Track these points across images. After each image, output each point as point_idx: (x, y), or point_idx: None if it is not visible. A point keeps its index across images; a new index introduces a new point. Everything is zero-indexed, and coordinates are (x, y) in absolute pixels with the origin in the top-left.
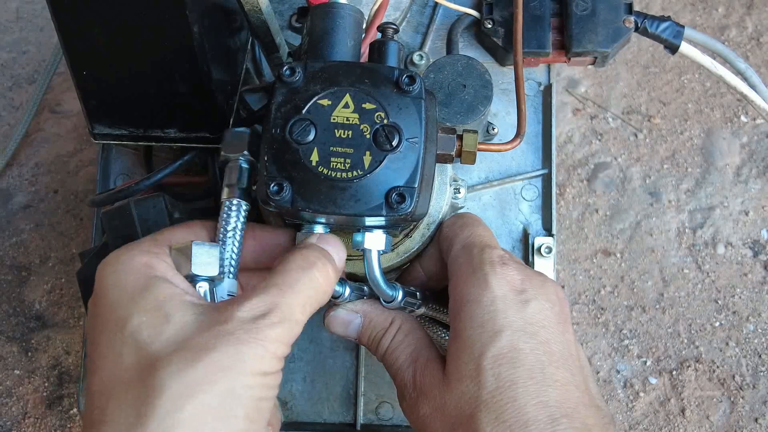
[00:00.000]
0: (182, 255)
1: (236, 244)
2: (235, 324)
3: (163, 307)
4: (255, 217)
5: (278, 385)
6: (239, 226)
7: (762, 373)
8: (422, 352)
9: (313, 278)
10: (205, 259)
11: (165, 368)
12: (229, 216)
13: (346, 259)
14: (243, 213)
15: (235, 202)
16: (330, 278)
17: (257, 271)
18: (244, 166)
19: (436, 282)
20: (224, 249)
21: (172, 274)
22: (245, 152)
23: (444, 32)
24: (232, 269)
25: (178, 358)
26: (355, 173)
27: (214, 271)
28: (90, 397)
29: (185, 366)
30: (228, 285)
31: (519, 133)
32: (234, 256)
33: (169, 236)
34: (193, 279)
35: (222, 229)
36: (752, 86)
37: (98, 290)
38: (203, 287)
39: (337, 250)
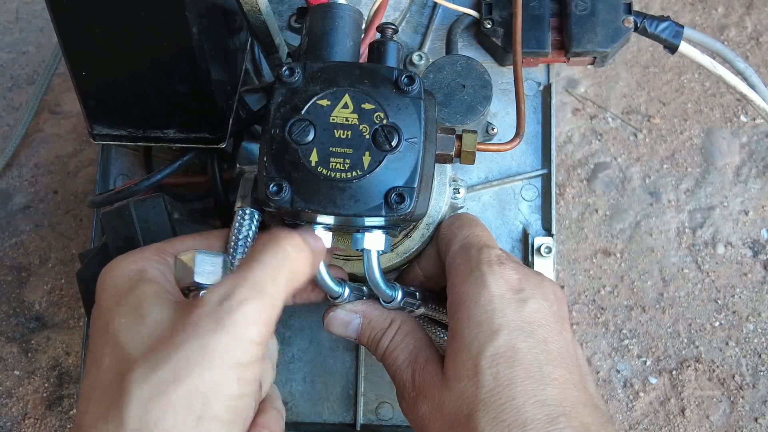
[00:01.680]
0: (186, 264)
1: (247, 251)
2: (200, 312)
3: (140, 306)
4: None
5: (256, 378)
6: (251, 234)
7: (762, 373)
8: (421, 352)
9: (280, 247)
10: (208, 268)
11: (134, 372)
12: (241, 225)
13: (346, 260)
14: (255, 222)
15: (248, 211)
16: (300, 247)
17: None
18: None
19: (435, 282)
20: (235, 256)
21: (161, 278)
22: None
23: (443, 32)
24: None
25: (147, 359)
26: (354, 173)
27: (217, 280)
28: (79, 401)
29: (153, 367)
30: None
31: (518, 133)
32: None
33: (178, 245)
34: (198, 288)
35: (234, 237)
36: (752, 86)
37: (96, 297)
38: None
39: (311, 234)
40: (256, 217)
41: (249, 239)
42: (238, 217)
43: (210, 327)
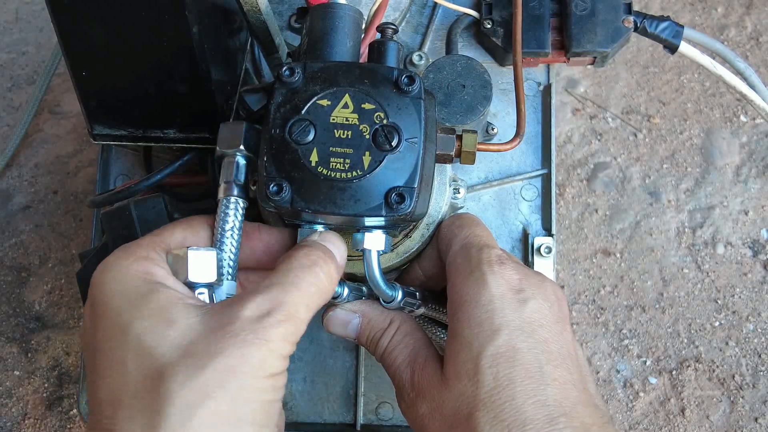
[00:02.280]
0: (179, 261)
1: (234, 244)
2: (239, 325)
3: (166, 311)
4: (255, 215)
5: (284, 385)
6: (237, 225)
7: (762, 373)
8: (420, 353)
9: (316, 276)
10: (202, 266)
11: (173, 376)
12: (226, 215)
13: (346, 259)
14: (240, 211)
15: (232, 200)
16: (332, 276)
17: (260, 271)
18: (241, 161)
19: (435, 283)
20: (222, 250)
21: (172, 281)
22: (241, 147)
23: (443, 32)
24: (230, 270)
25: (185, 364)
26: (354, 173)
27: (212, 277)
28: (98, 405)
29: (193, 372)
30: (227, 287)
31: (518, 133)
32: (232, 257)
33: (169, 235)
34: (191, 286)
35: (219, 229)
36: (752, 86)
37: (98, 297)
38: (203, 293)
39: (338, 248)
40: (241, 205)
41: (235, 230)
42: (223, 207)
43: (249, 339)
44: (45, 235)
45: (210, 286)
